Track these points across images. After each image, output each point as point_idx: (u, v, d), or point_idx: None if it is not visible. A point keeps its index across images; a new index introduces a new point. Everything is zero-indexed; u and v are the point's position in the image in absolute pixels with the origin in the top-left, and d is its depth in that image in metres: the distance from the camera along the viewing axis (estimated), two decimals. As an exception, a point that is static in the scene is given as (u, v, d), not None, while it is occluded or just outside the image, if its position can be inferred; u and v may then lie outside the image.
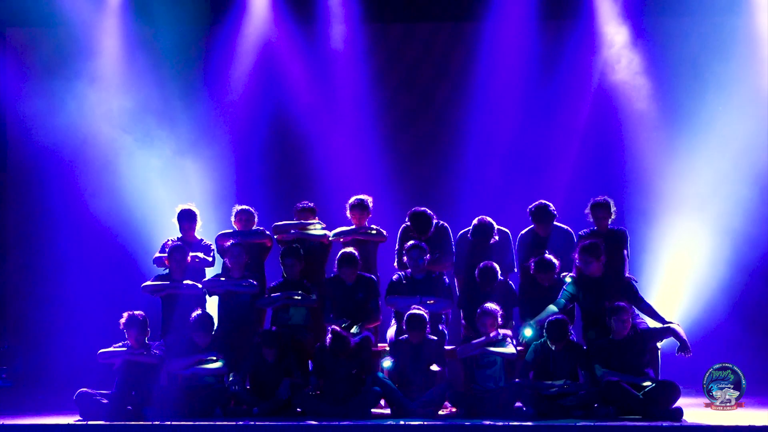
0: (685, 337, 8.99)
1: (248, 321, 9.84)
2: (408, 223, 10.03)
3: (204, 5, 12.21)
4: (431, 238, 9.95)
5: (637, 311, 9.31)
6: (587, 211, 9.88)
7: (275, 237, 10.17)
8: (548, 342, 9.08)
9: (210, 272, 10.25)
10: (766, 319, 12.04)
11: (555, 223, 9.94)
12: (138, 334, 9.26)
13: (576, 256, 9.38)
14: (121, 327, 9.29)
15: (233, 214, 10.23)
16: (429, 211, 9.93)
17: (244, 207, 10.25)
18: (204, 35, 12.47)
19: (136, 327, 9.25)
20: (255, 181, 12.42)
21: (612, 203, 9.84)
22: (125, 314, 9.32)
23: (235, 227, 10.18)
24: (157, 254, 10.13)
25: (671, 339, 9.04)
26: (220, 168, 12.38)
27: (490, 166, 12.11)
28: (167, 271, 9.95)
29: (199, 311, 9.48)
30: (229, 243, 9.93)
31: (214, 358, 9.35)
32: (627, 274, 9.62)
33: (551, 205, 9.85)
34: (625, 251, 9.80)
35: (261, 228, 10.19)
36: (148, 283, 9.88)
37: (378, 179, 11.95)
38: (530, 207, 9.89)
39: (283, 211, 10.71)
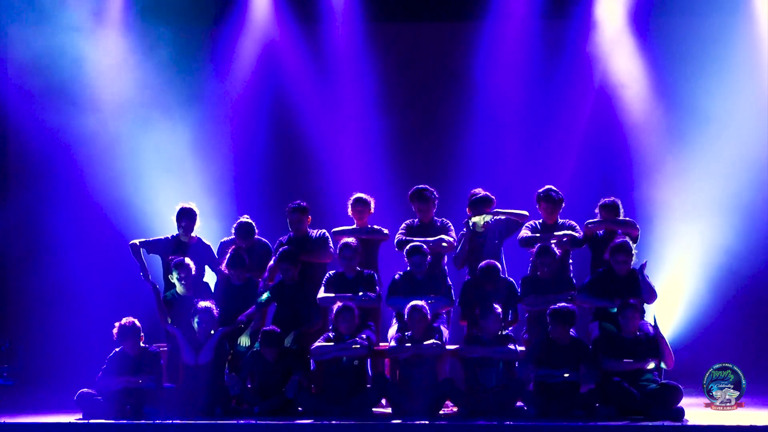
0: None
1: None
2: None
3: (206, 5, 12.21)
4: (434, 233, 9.97)
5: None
6: (596, 211, 9.95)
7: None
8: (550, 332, 9.10)
9: (208, 272, 10.29)
10: (766, 318, 12.05)
11: (560, 219, 9.99)
12: (133, 343, 9.26)
13: (607, 257, 9.41)
14: (115, 334, 9.28)
15: (234, 227, 10.21)
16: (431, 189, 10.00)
17: (244, 220, 10.22)
18: (206, 35, 12.46)
19: (130, 337, 9.24)
20: (256, 181, 12.40)
21: (620, 204, 9.90)
22: (116, 325, 9.28)
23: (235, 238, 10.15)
24: (143, 240, 10.11)
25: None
26: (222, 167, 12.38)
27: (493, 165, 12.10)
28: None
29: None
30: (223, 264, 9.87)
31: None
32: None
33: (555, 188, 9.95)
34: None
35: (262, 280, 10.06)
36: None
37: (379, 178, 11.93)
38: (539, 191, 9.96)
39: (283, 212, 10.69)
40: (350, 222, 10.20)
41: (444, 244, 9.87)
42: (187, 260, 9.79)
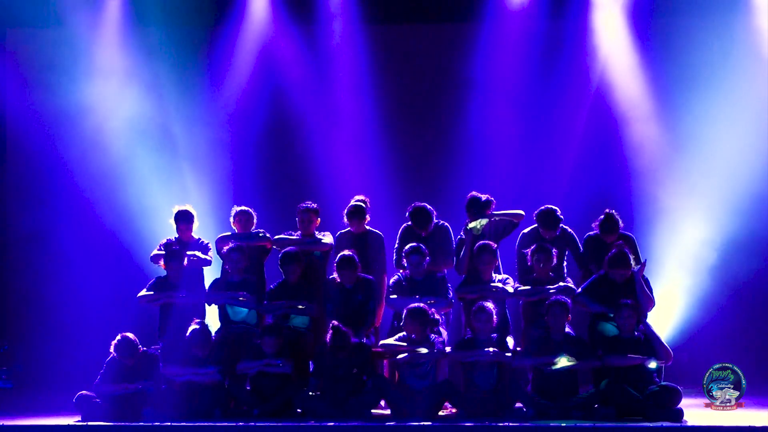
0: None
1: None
2: (408, 224, 10.03)
3: (203, 7, 12.21)
4: (431, 238, 9.94)
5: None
6: (593, 225, 9.92)
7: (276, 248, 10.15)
8: (548, 324, 9.13)
9: (208, 272, 10.25)
10: (766, 318, 12.04)
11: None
12: (130, 355, 9.27)
13: (606, 268, 9.40)
14: (112, 351, 9.28)
15: (232, 215, 10.24)
16: (429, 207, 9.95)
17: (243, 208, 10.26)
18: (203, 37, 12.47)
19: (127, 353, 9.25)
20: (254, 182, 12.40)
21: (617, 217, 9.83)
22: (113, 343, 9.27)
23: (235, 228, 10.19)
24: (155, 252, 10.13)
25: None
26: (219, 169, 12.38)
27: (491, 167, 12.09)
28: (164, 273, 9.95)
29: (196, 326, 9.39)
30: (227, 247, 9.90)
31: (212, 371, 9.31)
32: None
33: (558, 210, 9.87)
34: (638, 255, 9.76)
35: (261, 231, 10.17)
36: (144, 293, 9.86)
37: (377, 180, 11.95)
38: (537, 211, 9.92)
39: (281, 213, 10.69)
40: (346, 225, 10.20)
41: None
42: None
